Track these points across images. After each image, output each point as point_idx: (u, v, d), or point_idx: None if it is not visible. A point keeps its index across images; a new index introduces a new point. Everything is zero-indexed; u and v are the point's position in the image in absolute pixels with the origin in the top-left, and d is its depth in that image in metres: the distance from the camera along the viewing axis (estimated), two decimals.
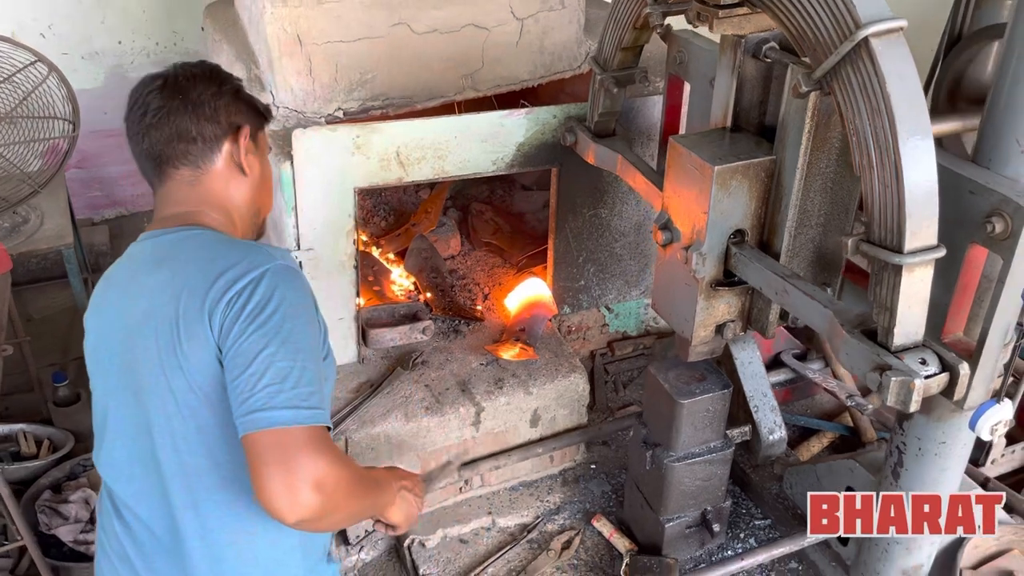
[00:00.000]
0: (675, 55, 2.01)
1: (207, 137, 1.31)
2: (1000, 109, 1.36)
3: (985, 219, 1.33)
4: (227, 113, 1.34)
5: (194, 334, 1.18)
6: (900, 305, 1.28)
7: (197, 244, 1.27)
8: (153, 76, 1.34)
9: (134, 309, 1.25)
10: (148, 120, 1.29)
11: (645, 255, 2.55)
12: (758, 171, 1.60)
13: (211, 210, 1.33)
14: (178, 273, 1.23)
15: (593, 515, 2.21)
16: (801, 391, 2.62)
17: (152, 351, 1.21)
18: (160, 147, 1.30)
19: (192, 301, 1.19)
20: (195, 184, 1.32)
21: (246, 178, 1.37)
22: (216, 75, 1.37)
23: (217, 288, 1.18)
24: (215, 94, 1.34)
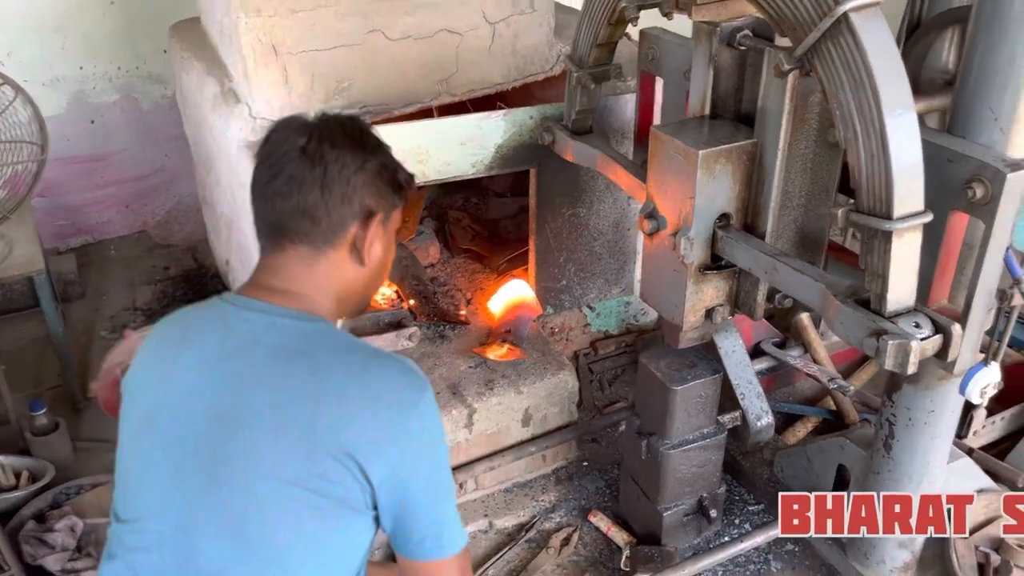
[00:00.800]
0: (647, 51, 2.05)
1: (334, 220, 1.19)
2: (972, 79, 1.41)
3: (965, 185, 1.38)
4: (363, 195, 1.21)
5: (337, 457, 1.08)
6: (892, 271, 1.32)
7: (336, 347, 1.16)
8: (296, 129, 1.20)
9: (244, 395, 1.12)
10: (277, 186, 1.17)
11: (624, 253, 2.58)
12: (740, 154, 1.63)
13: (321, 296, 1.22)
14: (322, 378, 1.11)
15: (589, 511, 2.21)
16: (782, 379, 2.67)
17: (261, 451, 1.09)
18: (283, 217, 1.18)
19: (346, 423, 1.09)
20: (311, 264, 1.20)
21: (363, 268, 1.25)
22: (363, 145, 1.23)
23: (381, 422, 1.10)
24: (357, 170, 1.20)
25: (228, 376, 1.14)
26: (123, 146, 3.41)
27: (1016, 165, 1.34)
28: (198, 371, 1.16)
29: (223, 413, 1.12)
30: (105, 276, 3.38)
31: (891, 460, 1.78)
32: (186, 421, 1.14)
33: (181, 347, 1.20)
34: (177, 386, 1.17)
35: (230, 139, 2.15)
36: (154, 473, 1.16)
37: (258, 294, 1.20)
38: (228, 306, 1.20)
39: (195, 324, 1.22)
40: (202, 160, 2.76)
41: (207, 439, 1.13)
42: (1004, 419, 2.22)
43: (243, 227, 2.29)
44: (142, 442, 1.19)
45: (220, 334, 1.18)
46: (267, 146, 1.21)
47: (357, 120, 1.27)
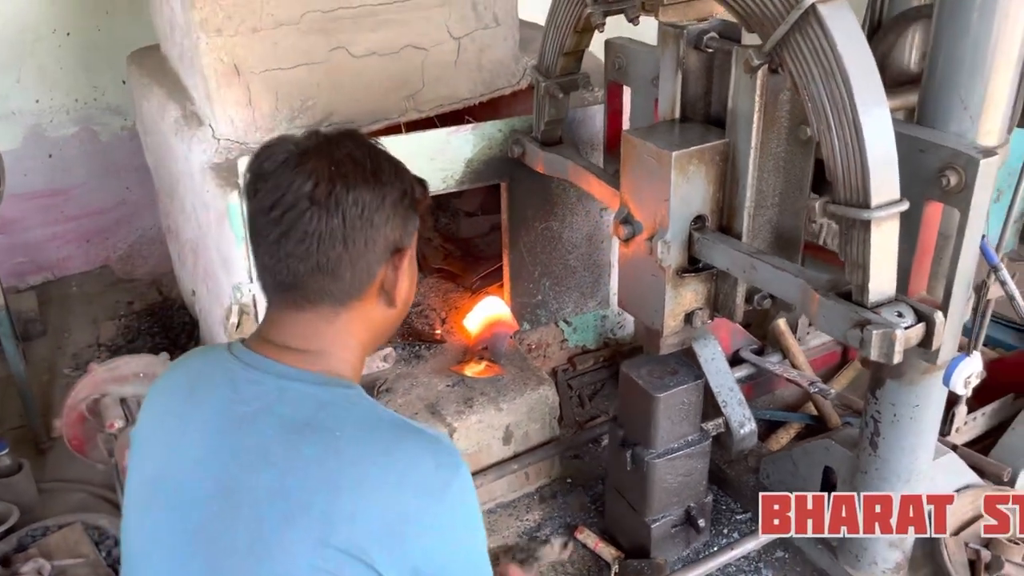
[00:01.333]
0: (613, 61, 2.05)
1: (359, 271, 1.05)
2: (939, 69, 1.41)
3: (938, 174, 1.38)
4: (387, 233, 1.05)
5: (352, 553, 0.94)
6: (872, 261, 1.31)
7: (357, 421, 1.01)
8: (296, 167, 1.01)
9: (252, 474, 0.98)
10: (290, 247, 1.01)
11: (599, 266, 2.56)
12: (713, 155, 1.63)
13: (344, 350, 1.08)
14: (338, 460, 0.97)
15: (575, 527, 2.17)
16: (761, 387, 2.65)
17: (267, 543, 0.95)
18: (299, 279, 1.03)
19: (364, 515, 0.95)
20: (333, 320, 1.07)
21: (393, 309, 1.12)
22: (379, 174, 1.05)
23: (405, 513, 0.96)
24: (378, 208, 1.03)
25: (236, 449, 1.00)
26: (82, 179, 3.34)
27: (988, 151, 1.35)
28: (204, 438, 1.02)
29: (228, 495, 0.98)
30: (67, 313, 3.29)
31: (878, 458, 1.76)
32: (191, 496, 1.01)
33: (188, 404, 1.07)
34: (181, 452, 1.04)
35: (193, 162, 2.10)
36: (155, 550, 1.03)
37: (268, 351, 1.06)
38: (235, 362, 1.06)
39: (204, 378, 1.08)
40: (165, 188, 2.70)
41: (212, 520, 0.99)
42: (985, 415, 2.22)
43: (210, 251, 2.24)
44: (147, 512, 1.06)
45: (227, 396, 1.04)
46: (264, 190, 1.02)
47: (361, 139, 1.10)
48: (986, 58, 1.36)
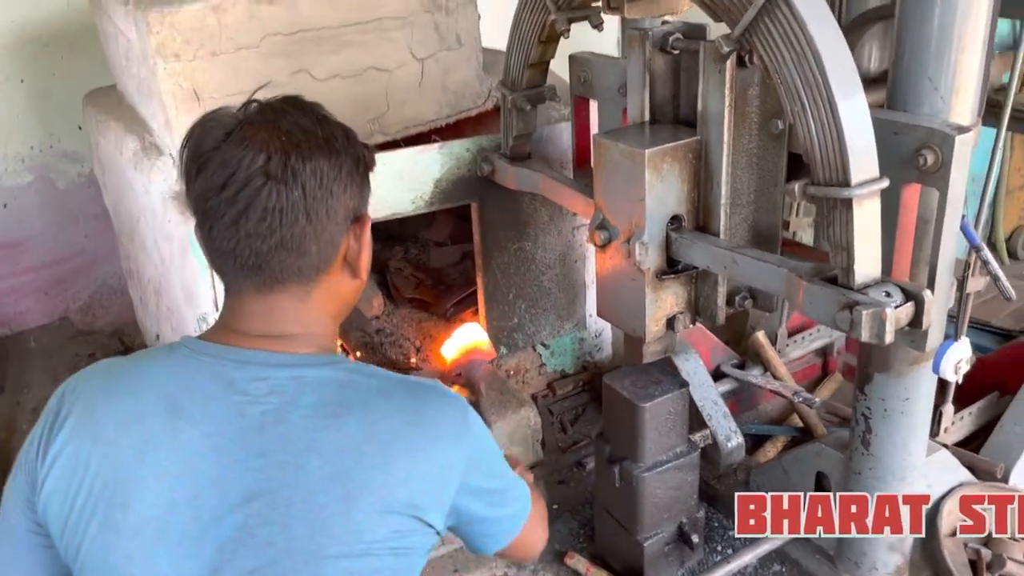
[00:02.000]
0: (578, 75, 2.05)
1: (324, 244, 1.02)
2: (908, 52, 1.41)
3: (915, 155, 1.37)
4: (346, 201, 1.03)
5: (407, 512, 0.99)
6: (856, 241, 1.29)
7: (379, 390, 1.02)
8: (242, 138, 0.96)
9: (295, 470, 0.95)
10: (250, 227, 0.97)
11: (574, 286, 2.52)
12: (686, 153, 1.61)
13: (321, 327, 1.07)
14: (381, 432, 0.98)
15: (564, 554, 2.08)
16: (745, 403, 2.61)
17: (332, 529, 0.95)
18: (263, 259, 1.00)
19: (419, 475, 0.99)
20: (304, 300, 1.04)
21: (358, 280, 1.10)
22: (333, 141, 1.02)
23: (446, 462, 1.02)
24: (336, 175, 1.00)
25: (266, 449, 0.96)
26: (39, 229, 3.24)
27: (962, 128, 1.33)
28: (218, 453, 0.96)
29: (270, 495, 0.95)
30: (26, 368, 3.17)
31: (871, 456, 1.72)
32: (218, 515, 0.95)
33: (175, 424, 0.97)
34: (189, 477, 0.95)
35: (154, 194, 2.04)
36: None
37: (251, 343, 1.02)
38: (222, 364, 1.00)
39: (183, 391, 0.99)
40: (125, 229, 2.63)
41: (254, 530, 0.94)
42: (972, 414, 2.19)
43: (172, 287, 2.17)
44: (146, 557, 0.95)
45: (233, 401, 0.98)
46: (210, 169, 0.97)
47: (305, 105, 1.06)
48: (953, 37, 1.36)
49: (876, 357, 1.64)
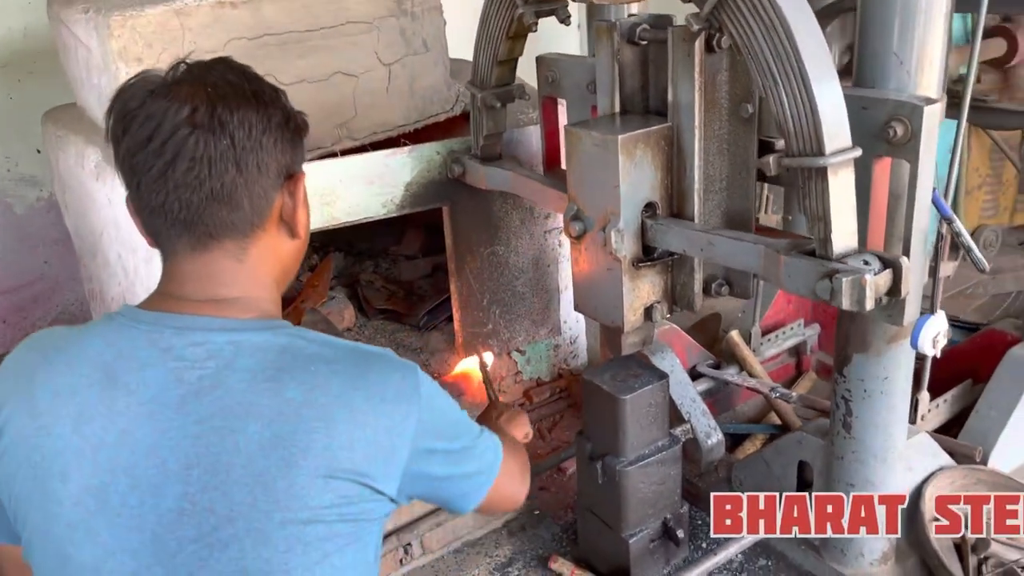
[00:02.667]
0: (546, 75, 2.05)
1: (256, 197, 1.01)
2: (873, 29, 1.43)
3: (884, 128, 1.38)
4: (278, 156, 1.03)
5: (355, 478, 0.97)
6: (832, 211, 1.29)
7: (321, 356, 1.00)
8: (166, 94, 0.97)
9: (234, 435, 0.94)
10: (178, 176, 0.96)
11: (547, 291, 2.51)
12: (659, 139, 1.61)
13: (262, 289, 1.06)
14: (323, 395, 0.97)
15: (548, 558, 2.05)
16: (722, 403, 2.60)
17: (274, 495, 0.93)
18: (194, 213, 0.99)
19: (362, 438, 0.97)
20: (241, 258, 1.03)
21: (297, 240, 1.10)
22: (260, 95, 1.03)
23: (394, 423, 1.00)
24: (264, 129, 1.01)
25: (203, 415, 0.95)
26: None
27: (930, 100, 1.35)
28: (155, 420, 0.95)
29: (210, 462, 0.94)
30: None
31: (853, 439, 1.72)
32: (157, 484, 0.94)
33: (112, 393, 0.96)
34: (127, 447, 0.95)
35: (117, 204, 1.99)
36: (120, 558, 0.94)
37: (195, 308, 1.00)
38: (159, 330, 0.98)
39: (120, 359, 0.97)
40: (87, 248, 2.57)
41: (195, 498, 0.94)
42: (947, 401, 2.21)
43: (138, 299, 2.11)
44: (87, 527, 0.95)
45: (168, 367, 0.96)
46: (135, 125, 0.96)
47: (235, 64, 1.06)
48: (914, 13, 1.38)
49: (854, 337, 1.64)
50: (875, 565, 1.83)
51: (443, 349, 2.47)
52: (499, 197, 2.30)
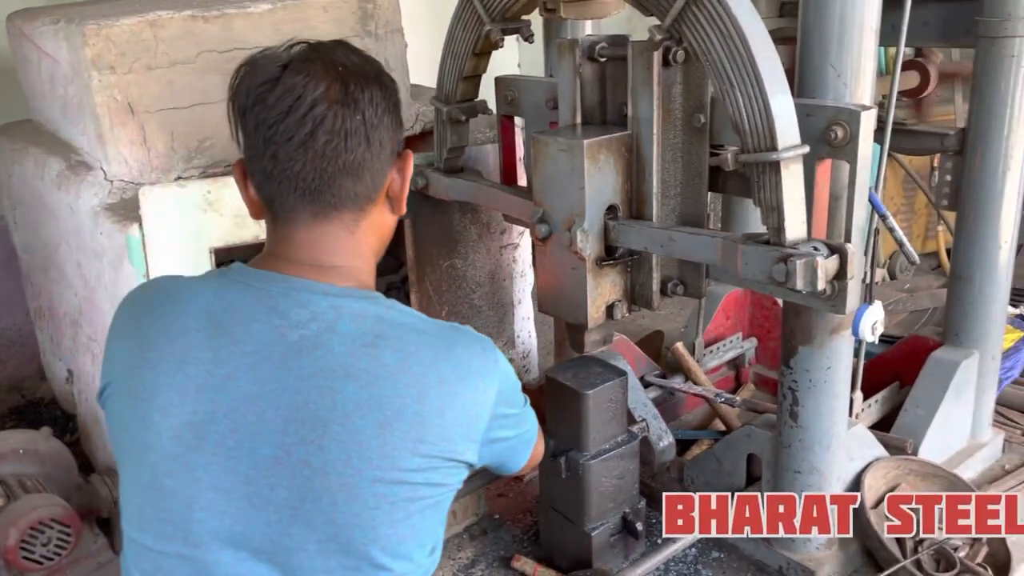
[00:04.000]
0: (504, 95, 2.17)
1: (376, 172, 1.09)
2: (811, 42, 1.59)
3: (825, 131, 1.53)
4: (393, 135, 1.10)
5: (443, 445, 1.05)
6: (785, 201, 1.43)
7: (413, 327, 1.07)
8: (300, 70, 1.02)
9: (332, 393, 1.00)
10: (318, 146, 1.02)
11: (503, 305, 2.59)
12: (620, 146, 1.73)
13: (363, 262, 1.13)
14: (415, 364, 1.03)
15: (511, 558, 2.09)
16: (668, 413, 2.70)
17: (367, 452, 1.00)
18: (325, 182, 1.05)
19: (451, 407, 1.05)
20: (354, 230, 1.10)
21: (395, 215, 1.18)
22: (380, 75, 1.10)
23: (478, 397, 1.09)
24: (386, 108, 1.08)
25: (304, 374, 1.00)
26: None
27: (866, 107, 1.51)
28: (255, 371, 1.01)
29: (308, 417, 1.00)
30: None
31: (800, 428, 1.84)
32: (255, 432, 1.00)
33: (219, 341, 1.02)
34: (228, 393, 1.00)
35: (82, 210, 2.01)
36: (212, 496, 1.00)
37: (302, 271, 1.06)
38: (266, 288, 1.04)
39: (230, 311, 1.03)
40: (37, 264, 2.54)
41: (291, 449, 0.99)
42: (878, 401, 2.36)
43: (98, 309, 2.11)
44: (184, 461, 1.01)
45: (275, 324, 1.02)
46: (273, 97, 1.01)
47: (351, 46, 1.12)
48: (850, 27, 1.55)
49: (799, 330, 1.77)
50: (820, 550, 1.95)
51: None
52: (458, 211, 2.38)
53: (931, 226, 3.85)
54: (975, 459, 2.35)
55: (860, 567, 1.99)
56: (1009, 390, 2.63)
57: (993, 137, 2.11)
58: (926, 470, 2.11)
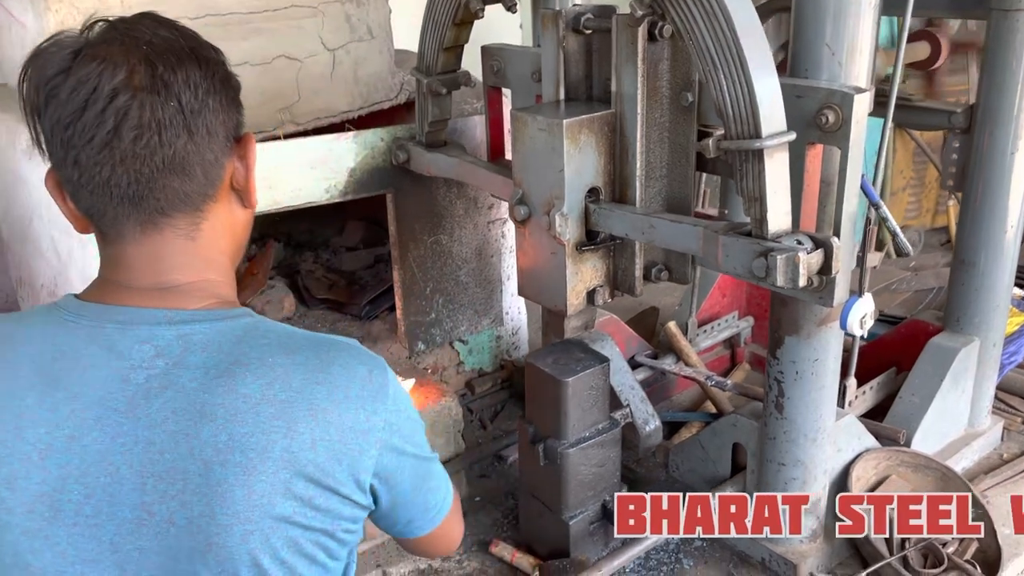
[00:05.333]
0: (490, 65, 2.08)
1: (208, 164, 0.92)
2: (806, 21, 1.49)
3: (816, 115, 1.44)
4: (225, 117, 0.94)
5: (321, 481, 0.90)
6: (768, 191, 1.34)
7: (280, 346, 0.92)
8: (95, 56, 0.86)
9: (188, 439, 0.86)
10: (124, 145, 0.86)
11: (491, 282, 2.53)
12: (602, 125, 1.65)
13: (216, 271, 0.97)
14: (282, 391, 0.89)
15: (490, 543, 2.06)
16: (658, 393, 2.66)
17: (231, 503, 0.86)
18: (145, 186, 0.89)
19: (325, 438, 0.90)
20: (194, 236, 0.94)
21: (248, 208, 1.01)
22: (197, 50, 0.93)
23: (360, 424, 0.92)
24: (210, 88, 0.91)
25: (154, 420, 0.87)
26: None
27: (859, 89, 1.42)
28: (103, 425, 0.87)
29: (165, 470, 0.86)
30: None
31: (785, 420, 1.78)
32: (112, 494, 0.87)
33: (53, 397, 0.88)
34: (76, 454, 0.87)
35: None
36: (80, 568, 0.89)
37: (143, 299, 0.91)
38: (101, 327, 0.90)
39: (61, 358, 0.89)
40: (15, 234, 2.49)
41: (153, 508, 0.87)
42: (873, 388, 2.29)
43: (72, 285, 2.06)
44: (44, 536, 0.88)
45: (112, 367, 0.88)
46: (64, 93, 0.86)
47: (161, 18, 0.95)
48: (846, 4, 1.45)
49: (786, 320, 1.70)
50: (805, 542, 1.90)
51: (385, 339, 2.47)
52: (443, 186, 2.31)
53: (942, 200, 3.74)
54: (971, 448, 2.29)
55: (845, 560, 1.94)
56: (1012, 375, 2.55)
57: (1003, 115, 2.01)
58: (917, 461, 2.04)
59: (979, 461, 2.32)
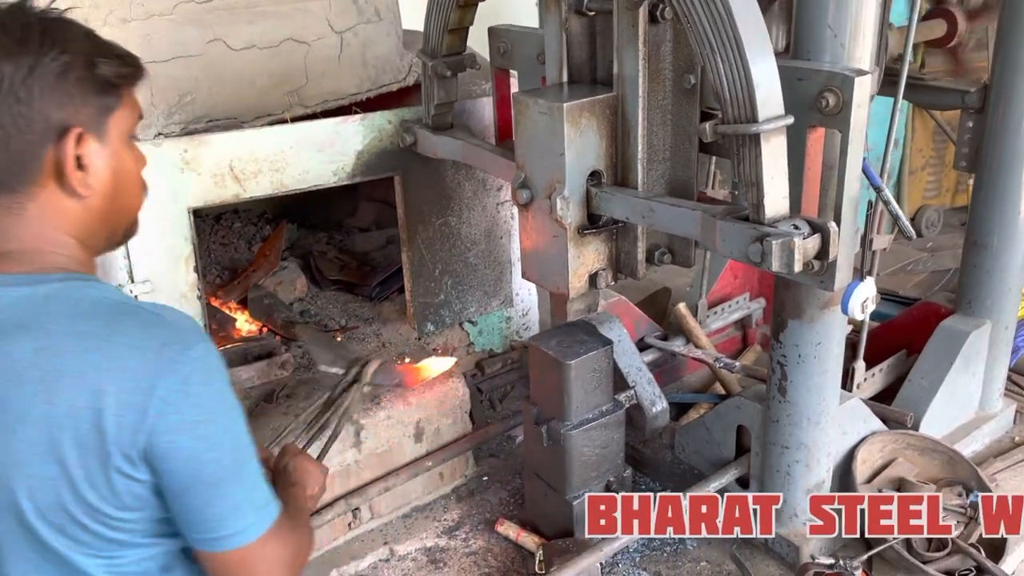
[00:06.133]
0: (497, 46, 2.07)
1: (14, 151, 0.93)
2: (811, 1, 1.47)
3: (817, 98, 1.43)
4: (46, 109, 0.93)
5: (95, 457, 0.90)
6: (765, 176, 1.34)
7: (72, 312, 0.92)
8: None
9: None
10: None
11: (500, 263, 2.53)
12: (603, 108, 1.64)
13: (57, 247, 0.97)
14: (53, 356, 0.89)
15: (495, 522, 2.09)
16: (668, 374, 2.66)
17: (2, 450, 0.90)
18: None
19: (93, 409, 0.88)
20: (19, 212, 0.95)
21: (86, 199, 0.99)
22: (27, 40, 0.92)
23: (139, 396, 0.89)
24: (26, 77, 0.91)
25: None
26: None
27: (861, 71, 1.40)
28: None
29: None
30: None
31: (788, 403, 1.78)
32: None
33: None
34: None
35: None
36: None
37: None
38: None
39: None
40: None
41: None
42: (882, 371, 2.28)
43: None
44: None
45: None
46: None
47: (16, 6, 0.96)
48: None
49: (789, 304, 1.70)
50: (807, 525, 1.90)
51: (395, 319, 2.49)
52: (451, 168, 2.32)
53: (962, 180, 3.68)
54: (982, 431, 2.27)
55: (849, 543, 1.94)
56: None
57: (1017, 95, 1.98)
58: (925, 445, 2.03)
59: (990, 444, 2.31)
